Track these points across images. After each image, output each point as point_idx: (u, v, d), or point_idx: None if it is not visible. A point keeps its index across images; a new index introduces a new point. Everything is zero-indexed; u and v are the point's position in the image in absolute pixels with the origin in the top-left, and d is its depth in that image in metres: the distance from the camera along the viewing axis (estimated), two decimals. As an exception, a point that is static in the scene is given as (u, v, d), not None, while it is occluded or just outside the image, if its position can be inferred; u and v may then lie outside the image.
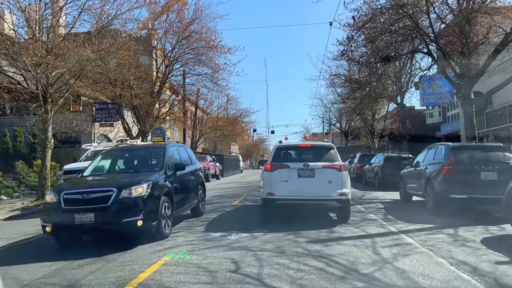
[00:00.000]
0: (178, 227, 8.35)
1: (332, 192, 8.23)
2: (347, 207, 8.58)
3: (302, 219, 9.09)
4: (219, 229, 7.99)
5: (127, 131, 24.74)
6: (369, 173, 20.30)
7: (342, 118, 47.63)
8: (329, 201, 8.44)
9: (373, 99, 25.69)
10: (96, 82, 21.98)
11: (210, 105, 44.98)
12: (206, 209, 11.09)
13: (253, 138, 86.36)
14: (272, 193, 8.37)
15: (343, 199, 8.30)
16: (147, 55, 24.99)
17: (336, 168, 8.37)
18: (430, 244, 6.36)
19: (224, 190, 19.37)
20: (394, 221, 8.79)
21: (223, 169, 36.67)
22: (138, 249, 6.43)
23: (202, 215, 9.84)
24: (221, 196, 15.78)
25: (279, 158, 8.73)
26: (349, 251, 5.95)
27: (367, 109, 31.05)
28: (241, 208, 11.48)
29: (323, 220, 9.14)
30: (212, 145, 52.42)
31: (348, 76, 24.87)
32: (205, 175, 28.82)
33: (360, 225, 8.32)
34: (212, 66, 24.98)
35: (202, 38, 24.55)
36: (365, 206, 11.47)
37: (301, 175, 8.30)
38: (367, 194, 15.41)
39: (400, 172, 17.21)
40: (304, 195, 8.37)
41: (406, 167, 13.16)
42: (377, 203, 12.36)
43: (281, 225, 8.29)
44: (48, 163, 16.30)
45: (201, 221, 9.07)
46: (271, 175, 8.44)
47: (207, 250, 6.17)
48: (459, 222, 8.19)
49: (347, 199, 8.38)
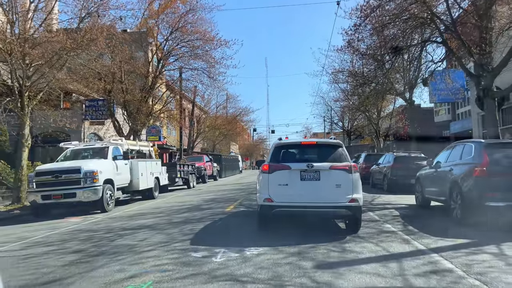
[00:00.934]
0: (154, 242, 6.80)
1: (341, 198, 6.95)
2: (359, 215, 7.28)
3: (305, 229, 7.55)
4: (204, 244, 6.46)
5: (117, 129, 23.19)
6: (376, 174, 18.73)
7: (344, 116, 46.01)
8: (337, 208, 7.05)
9: (379, 95, 24.13)
10: (85, 77, 20.51)
11: (208, 103, 43.49)
12: (194, 218, 9.59)
13: (253, 138, 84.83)
14: (270, 199, 7.07)
15: (354, 206, 6.98)
16: (137, 45, 23.39)
17: (346, 170, 7.08)
18: (477, 271, 4.80)
19: (219, 193, 17.81)
20: (417, 234, 7.23)
21: (221, 169, 35.15)
22: (92, 276, 4.89)
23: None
24: (214, 200, 14.23)
25: (278, 158, 7.48)
26: (372, 285, 4.40)
27: (372, 107, 29.51)
28: (235, 216, 9.90)
29: (330, 230, 7.61)
30: (211, 145, 50.81)
31: (352, 71, 23.26)
32: (201, 176, 27.41)
33: (378, 239, 6.76)
34: (207, 59, 23.42)
35: (197, 31, 23.04)
36: (379, 214, 9.90)
37: (304, 177, 7.07)
38: (377, 198, 13.85)
39: (413, 174, 15.73)
40: (308, 202, 7.04)
41: (423, 168, 11.60)
42: (391, 209, 10.81)
43: (280, 238, 6.76)
44: (24, 164, 14.78)
45: (184, 234, 7.52)
46: (269, 177, 7.17)
47: (180, 281, 4.60)
48: (499, 237, 6.65)
49: (358, 206, 7.07)
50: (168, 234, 7.53)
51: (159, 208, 12.36)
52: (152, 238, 7.21)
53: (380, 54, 18.11)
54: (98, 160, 12.80)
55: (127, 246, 6.59)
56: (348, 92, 28.74)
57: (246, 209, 11.11)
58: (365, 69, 20.88)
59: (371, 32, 17.41)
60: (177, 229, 8.06)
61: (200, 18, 22.97)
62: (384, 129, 32.85)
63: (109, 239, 7.37)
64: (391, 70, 19.23)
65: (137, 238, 7.26)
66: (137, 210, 12.35)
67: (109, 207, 12.34)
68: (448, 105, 28.01)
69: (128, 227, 8.62)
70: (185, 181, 21.84)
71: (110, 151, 13.45)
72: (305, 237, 6.79)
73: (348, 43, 17.67)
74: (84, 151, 14.04)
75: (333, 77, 27.93)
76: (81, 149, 14.15)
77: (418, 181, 11.44)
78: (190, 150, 37.32)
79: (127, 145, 15.10)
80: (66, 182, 11.75)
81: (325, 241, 6.49)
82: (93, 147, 14.22)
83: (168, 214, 10.64)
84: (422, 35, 18.16)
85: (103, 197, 12.04)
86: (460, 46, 15.93)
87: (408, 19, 15.24)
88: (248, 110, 52.65)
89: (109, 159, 13.18)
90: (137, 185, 14.57)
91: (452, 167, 8.87)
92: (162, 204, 13.86)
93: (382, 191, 16.68)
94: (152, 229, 8.18)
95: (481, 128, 22.96)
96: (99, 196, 11.94)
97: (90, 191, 11.79)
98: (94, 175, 11.90)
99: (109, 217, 10.72)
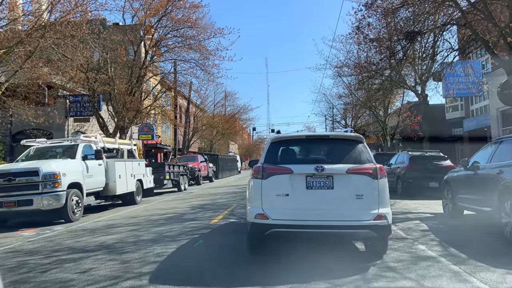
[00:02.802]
0: (98, 278, 4.77)
1: (363, 214, 5.01)
2: (386, 236, 5.32)
3: (313, 255, 5.49)
4: (167, 282, 4.43)
5: (102, 126, 21.17)
6: (388, 176, 16.62)
7: (347, 114, 43.92)
8: (358, 229, 5.10)
9: (390, 88, 22.09)
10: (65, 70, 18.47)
11: (204, 100, 41.51)
12: (169, 233, 7.58)
13: (253, 138, 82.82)
14: (263, 215, 5.06)
15: (381, 225, 5.01)
16: (127, 40, 21.34)
17: (370, 174, 5.13)
18: None
19: (210, 197, 15.79)
20: (468, 262, 5.18)
21: (217, 170, 33.09)
22: None
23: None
24: (202, 207, 12.21)
25: (275, 158, 5.47)
26: None
27: (380, 103, 27.49)
28: (220, 233, 7.77)
29: (346, 255, 5.56)
30: (208, 145, 48.76)
31: (359, 63, 21.18)
32: (195, 177, 25.35)
33: (417, 272, 4.73)
34: (200, 49, 21.39)
35: (189, 19, 21.02)
36: (403, 227, 7.87)
37: (311, 185, 5.10)
38: (393, 205, 11.81)
39: (432, 175, 13.82)
40: (317, 219, 5.04)
41: (453, 170, 9.58)
42: (415, 220, 8.79)
43: (278, 271, 4.74)
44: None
45: (146, 262, 5.46)
46: (262, 185, 5.15)
47: None
48: None
49: (387, 225, 5.09)
50: (124, 261, 5.48)
51: (135, 218, 10.34)
52: (100, 268, 5.18)
53: (392, 40, 16.11)
54: (63, 160, 10.78)
55: (56, 285, 4.57)
56: (354, 87, 26.67)
57: (236, 221, 9.02)
58: (374, 59, 18.83)
59: (382, 15, 15.46)
60: (140, 252, 6.02)
61: (193, 5, 20.95)
62: (391, 127, 30.80)
63: (43, 268, 5.35)
64: (404, 60, 17.16)
65: (80, 268, 5.23)
66: (109, 219, 10.33)
67: (75, 216, 10.31)
68: (461, 100, 25.93)
69: (80, 248, 6.59)
70: (176, 183, 19.82)
71: (80, 150, 11.43)
72: (313, 270, 4.77)
73: (357, 28, 15.68)
74: (51, 150, 12.03)
75: (338, 71, 25.91)
76: (47, 147, 12.13)
77: (447, 186, 9.40)
78: (186, 150, 35.31)
79: (102, 142, 13.09)
80: (21, 186, 9.73)
81: (342, 275, 4.48)
82: (60, 145, 12.20)
83: (141, 227, 8.62)
84: (437, 19, 16.10)
85: (67, 205, 10.01)
86: (485, 29, 13.98)
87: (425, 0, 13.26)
88: (247, 108, 50.71)
89: (77, 158, 11.15)
90: (113, 189, 12.55)
91: (502, 169, 6.82)
92: (141, 211, 11.85)
93: (395, 195, 14.65)
94: (109, 252, 6.16)
95: (501, 124, 20.94)
96: (62, 204, 9.92)
97: (51, 198, 9.77)
98: (55, 178, 9.88)
99: (69, 230, 8.71)
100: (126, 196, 13.74)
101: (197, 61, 22.33)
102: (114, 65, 20.16)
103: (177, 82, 26.45)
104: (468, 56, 20.53)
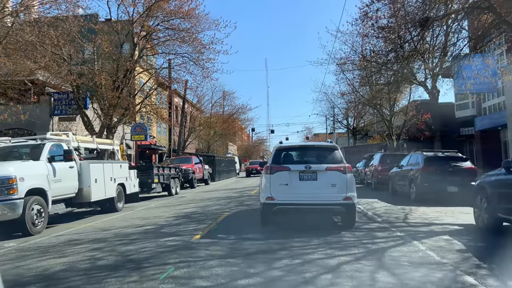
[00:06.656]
0: None
1: (336, 196, 7.71)
2: (353, 212, 7.94)
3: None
4: None
5: (87, 125, 19.55)
6: (398, 179, 15.05)
7: (349, 114, 42.33)
8: (333, 206, 7.78)
9: (395, 85, 20.48)
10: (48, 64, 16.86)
11: (201, 99, 39.95)
12: (135, 258, 5.98)
13: (252, 139, 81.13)
14: (271, 197, 7.80)
15: (348, 204, 7.71)
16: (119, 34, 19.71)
17: (340, 171, 7.83)
18: None
19: (202, 202, 14.16)
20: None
21: (213, 172, 31.42)
22: None
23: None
24: (189, 216, 10.56)
25: (279, 160, 8.21)
26: None
27: (385, 100, 25.88)
28: (202, 259, 6.04)
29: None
30: (206, 146, 47.08)
31: (364, 56, 19.55)
32: (188, 180, 23.70)
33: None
34: (193, 42, 19.77)
35: (181, 11, 19.42)
36: (432, 246, 6.21)
37: (302, 178, 7.83)
38: (409, 213, 10.21)
39: (453, 179, 12.28)
40: (306, 200, 7.78)
41: (489, 173, 7.93)
42: (443, 235, 7.13)
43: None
44: None
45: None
46: (270, 178, 7.90)
47: None
48: None
49: (352, 204, 7.76)
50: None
51: (107, 230, 8.72)
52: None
53: (402, 28, 14.50)
54: (22, 163, 9.16)
55: None
56: (359, 83, 25.03)
57: (225, 240, 7.17)
58: (381, 51, 17.21)
59: (391, 1, 13.93)
60: (85, 288, 4.41)
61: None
62: (397, 126, 29.14)
63: None
64: (416, 52, 15.50)
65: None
66: (75, 232, 8.71)
67: (36, 228, 8.69)
68: (474, 97, 24.30)
69: (12, 280, 4.96)
70: (166, 187, 18.18)
71: (46, 150, 9.79)
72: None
73: (365, 14, 14.07)
74: (14, 150, 10.41)
75: (341, 68, 24.30)
76: (10, 147, 10.52)
77: (481, 192, 7.77)
78: (181, 151, 33.64)
79: (75, 141, 11.50)
80: (-31, 193, 8.12)
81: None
82: (25, 144, 10.58)
83: (107, 245, 6.98)
84: (451, 6, 14.48)
85: (25, 215, 8.39)
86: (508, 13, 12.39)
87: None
88: (245, 107, 49.12)
89: (42, 160, 9.52)
90: (88, 195, 10.90)
91: None
92: (118, 221, 10.22)
93: (408, 200, 13.05)
94: (44, 287, 4.53)
95: (518, 122, 19.32)
96: (19, 214, 8.28)
97: (5, 206, 8.13)
98: (10, 183, 8.24)
99: (19, 248, 7.09)
100: (105, 202, 12.13)
101: (191, 55, 20.70)
102: (101, 58, 18.54)
103: (171, 79, 24.87)
104: (482, 49, 18.93)
